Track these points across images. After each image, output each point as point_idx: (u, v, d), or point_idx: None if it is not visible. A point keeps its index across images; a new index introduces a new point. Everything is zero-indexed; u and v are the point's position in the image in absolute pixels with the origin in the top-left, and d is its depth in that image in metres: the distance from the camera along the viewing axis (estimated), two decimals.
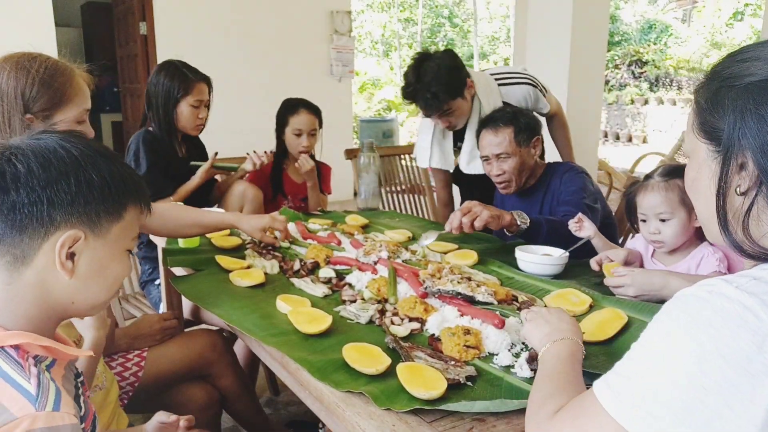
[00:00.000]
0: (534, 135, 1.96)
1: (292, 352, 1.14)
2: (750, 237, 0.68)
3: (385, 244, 1.74)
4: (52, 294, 0.83)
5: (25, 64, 1.29)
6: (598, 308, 1.32)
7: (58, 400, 0.75)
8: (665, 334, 0.64)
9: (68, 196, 0.79)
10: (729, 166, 0.69)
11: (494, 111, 2.03)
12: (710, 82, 0.73)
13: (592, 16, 4.43)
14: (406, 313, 1.31)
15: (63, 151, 0.80)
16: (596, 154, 4.77)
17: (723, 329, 0.60)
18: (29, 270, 0.80)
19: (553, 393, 0.80)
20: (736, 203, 0.69)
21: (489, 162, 1.97)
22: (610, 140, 10.97)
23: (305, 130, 2.48)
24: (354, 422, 0.94)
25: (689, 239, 1.51)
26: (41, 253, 0.80)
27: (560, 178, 1.98)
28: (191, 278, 1.60)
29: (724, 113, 0.69)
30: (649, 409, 0.62)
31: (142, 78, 5.20)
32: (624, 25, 13.38)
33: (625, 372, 0.67)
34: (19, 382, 0.74)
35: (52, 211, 0.79)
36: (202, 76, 2.32)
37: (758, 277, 0.64)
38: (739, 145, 0.67)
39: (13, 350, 0.78)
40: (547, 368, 0.89)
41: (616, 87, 11.91)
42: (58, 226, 0.80)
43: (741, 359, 0.58)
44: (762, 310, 0.59)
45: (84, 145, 0.83)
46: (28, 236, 0.79)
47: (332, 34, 5.88)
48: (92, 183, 0.81)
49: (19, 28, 3.92)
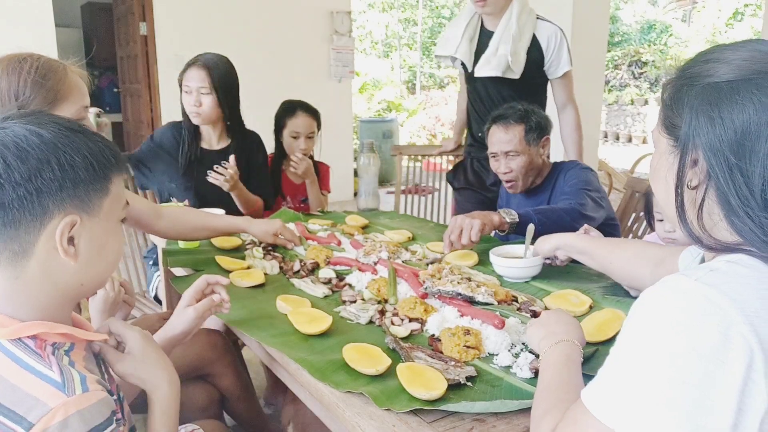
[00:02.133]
0: (543, 134, 1.96)
1: (292, 352, 1.14)
2: (704, 228, 0.72)
3: (385, 244, 1.74)
4: (60, 281, 0.83)
5: (16, 66, 1.29)
6: (598, 309, 1.32)
7: (84, 381, 0.76)
8: (637, 337, 0.67)
9: (55, 182, 0.78)
10: (684, 162, 0.72)
11: (506, 108, 2.01)
12: (676, 79, 0.76)
13: (592, 17, 4.44)
14: (406, 313, 1.31)
15: (35, 138, 0.78)
16: (596, 154, 4.77)
17: (690, 325, 0.62)
18: (31, 262, 0.80)
19: (549, 409, 0.80)
20: (690, 197, 0.73)
21: (497, 159, 1.97)
22: (610, 140, 10.97)
23: (303, 133, 2.47)
24: (354, 422, 0.94)
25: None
26: (40, 244, 0.79)
27: (565, 176, 1.97)
28: (191, 278, 1.60)
29: (682, 111, 0.72)
30: (634, 409, 0.64)
31: (142, 78, 5.20)
32: (624, 25, 13.38)
33: (607, 378, 0.69)
34: (44, 372, 0.75)
35: (43, 200, 0.77)
36: (195, 60, 2.20)
37: (715, 268, 0.67)
38: (692, 142, 0.71)
39: (30, 341, 0.78)
40: (544, 380, 0.89)
41: (616, 87, 11.91)
42: (52, 214, 0.79)
43: (712, 349, 0.61)
44: (721, 299, 0.62)
45: (53, 125, 0.81)
46: (23, 230, 0.78)
47: (332, 35, 5.88)
48: (75, 163, 0.80)
49: (19, 28, 3.92)
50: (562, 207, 1.73)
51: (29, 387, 0.74)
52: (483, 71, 2.33)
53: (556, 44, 2.32)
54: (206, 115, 2.20)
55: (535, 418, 0.82)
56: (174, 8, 5.04)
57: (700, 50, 0.77)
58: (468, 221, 1.61)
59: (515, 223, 1.67)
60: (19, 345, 0.77)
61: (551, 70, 2.36)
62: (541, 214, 1.69)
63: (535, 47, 2.31)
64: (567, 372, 0.89)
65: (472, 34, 2.42)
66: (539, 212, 1.70)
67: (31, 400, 0.73)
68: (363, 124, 7.63)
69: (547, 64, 2.34)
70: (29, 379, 0.74)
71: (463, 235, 1.61)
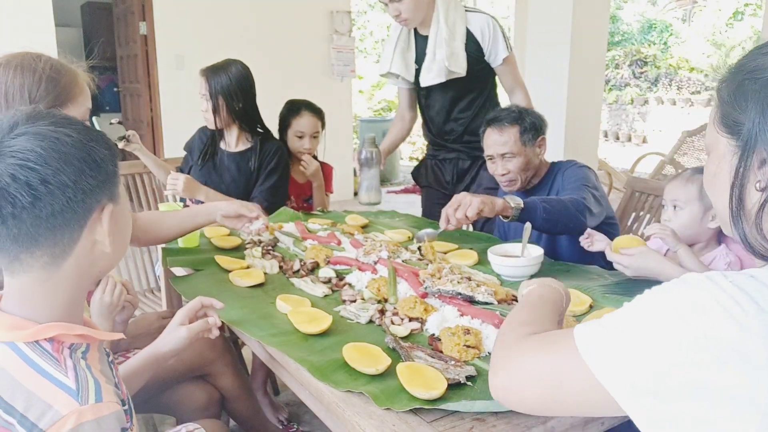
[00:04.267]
0: (539, 134, 1.95)
1: (292, 352, 1.14)
2: (761, 232, 0.67)
3: (385, 244, 1.74)
4: (90, 272, 0.84)
5: (31, 63, 1.28)
6: (598, 308, 1.32)
7: (98, 390, 0.76)
8: (659, 304, 0.65)
9: (94, 179, 0.79)
10: (748, 161, 0.67)
11: (500, 110, 2.01)
12: (734, 74, 0.70)
13: (592, 16, 4.44)
14: (406, 313, 1.30)
15: (68, 138, 0.78)
16: (596, 154, 4.77)
17: (711, 314, 0.61)
18: (68, 261, 0.80)
19: (532, 321, 0.80)
20: (753, 199, 0.67)
21: (493, 161, 1.97)
22: (610, 140, 10.96)
23: (308, 133, 2.48)
24: (354, 422, 0.94)
25: (706, 242, 1.51)
26: (81, 241, 0.80)
27: (563, 174, 1.96)
28: (191, 278, 1.60)
29: (746, 107, 0.67)
30: (621, 364, 0.64)
31: (142, 78, 5.20)
32: (624, 25, 13.38)
33: (609, 325, 0.67)
34: (58, 378, 0.75)
35: (87, 199, 0.78)
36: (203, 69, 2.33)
37: (755, 275, 0.64)
38: (760, 139, 0.65)
39: (48, 343, 0.78)
40: (530, 300, 0.90)
41: (617, 87, 11.91)
42: (92, 210, 0.80)
43: (721, 341, 0.59)
44: (749, 305, 0.60)
45: (75, 123, 0.81)
46: (68, 232, 0.78)
47: (332, 34, 5.88)
48: (104, 157, 0.81)
49: (19, 28, 3.92)
50: (567, 198, 1.73)
51: (44, 393, 0.73)
52: (427, 80, 2.33)
53: (490, 33, 2.30)
54: (209, 120, 2.31)
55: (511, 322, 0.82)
56: (174, 8, 5.04)
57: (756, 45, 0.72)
58: (468, 198, 1.61)
59: (520, 209, 1.65)
60: (36, 348, 0.77)
61: (491, 59, 2.33)
62: (546, 203, 1.68)
63: (471, 40, 2.29)
64: (552, 305, 0.89)
65: (405, 45, 2.41)
66: (545, 201, 1.69)
67: (44, 405, 0.72)
68: (363, 124, 7.64)
69: (487, 53, 2.32)
70: (44, 385, 0.74)
71: (459, 210, 1.60)
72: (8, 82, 1.26)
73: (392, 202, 5.99)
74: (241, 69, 2.31)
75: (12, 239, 0.75)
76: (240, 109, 2.30)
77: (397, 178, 7.55)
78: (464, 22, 2.30)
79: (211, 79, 2.27)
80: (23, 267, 0.78)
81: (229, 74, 2.28)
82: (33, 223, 0.74)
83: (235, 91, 2.27)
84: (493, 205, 1.63)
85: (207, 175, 2.36)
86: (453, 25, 2.28)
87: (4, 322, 0.79)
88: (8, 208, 0.73)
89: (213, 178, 2.34)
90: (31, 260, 0.77)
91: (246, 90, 2.31)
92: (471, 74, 2.30)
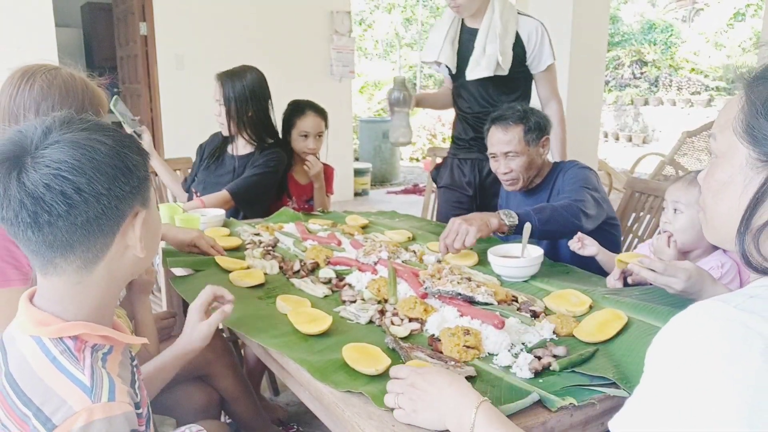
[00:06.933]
0: (543, 134, 1.96)
1: (292, 352, 1.14)
2: (757, 247, 0.65)
3: (385, 244, 1.74)
4: (121, 276, 0.85)
5: (47, 76, 1.27)
6: (597, 308, 1.32)
7: (112, 389, 0.76)
8: (670, 365, 0.61)
9: (127, 186, 0.80)
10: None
11: (505, 108, 2.01)
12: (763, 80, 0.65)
13: (592, 17, 4.44)
14: (406, 313, 1.30)
15: (101, 146, 0.79)
16: (596, 154, 4.77)
17: (729, 354, 0.57)
18: (100, 265, 0.82)
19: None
20: (764, 216, 0.64)
21: (497, 159, 1.97)
22: (610, 140, 10.97)
23: (312, 133, 2.49)
24: (354, 422, 0.94)
25: (705, 248, 1.50)
26: (113, 247, 0.82)
27: (564, 175, 1.97)
28: (191, 278, 1.60)
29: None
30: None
31: (142, 78, 5.20)
32: (624, 25, 13.38)
33: (637, 408, 0.63)
34: (75, 375, 0.76)
35: (121, 205, 0.80)
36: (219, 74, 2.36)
37: (754, 295, 0.62)
38: None
39: (71, 341, 0.79)
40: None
41: (617, 87, 11.92)
42: (125, 216, 0.81)
43: (756, 377, 0.56)
44: (762, 326, 0.57)
45: (107, 130, 0.82)
46: (102, 238, 0.80)
47: (332, 35, 5.88)
48: (137, 163, 0.82)
49: (19, 28, 3.91)
50: (561, 204, 1.73)
51: (60, 388, 0.75)
52: (474, 73, 2.32)
53: (538, 38, 2.32)
54: (222, 125, 2.37)
55: None
56: (174, 8, 5.04)
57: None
58: (464, 227, 1.59)
59: (514, 225, 1.66)
60: (59, 345, 0.78)
61: (534, 65, 2.35)
62: (540, 213, 1.68)
63: (518, 43, 2.31)
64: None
65: (454, 36, 2.41)
66: (538, 211, 1.68)
67: (59, 401, 0.74)
68: (363, 124, 7.63)
69: (530, 59, 2.33)
70: (61, 380, 0.75)
71: (457, 240, 1.59)
72: (26, 98, 1.23)
73: (392, 202, 5.99)
74: (256, 77, 2.35)
75: (47, 245, 0.77)
76: (249, 117, 2.33)
77: (397, 179, 7.55)
78: (516, 23, 2.32)
79: (225, 84, 2.30)
80: (57, 270, 0.80)
81: (243, 81, 2.31)
82: (68, 230, 0.76)
83: (247, 98, 2.31)
84: (488, 226, 1.64)
85: (208, 176, 2.40)
86: (507, 23, 2.29)
87: (33, 316, 0.81)
88: (44, 216, 0.75)
89: (213, 179, 2.38)
90: (65, 264, 0.79)
91: (258, 98, 2.34)
92: (507, 76, 2.31)
